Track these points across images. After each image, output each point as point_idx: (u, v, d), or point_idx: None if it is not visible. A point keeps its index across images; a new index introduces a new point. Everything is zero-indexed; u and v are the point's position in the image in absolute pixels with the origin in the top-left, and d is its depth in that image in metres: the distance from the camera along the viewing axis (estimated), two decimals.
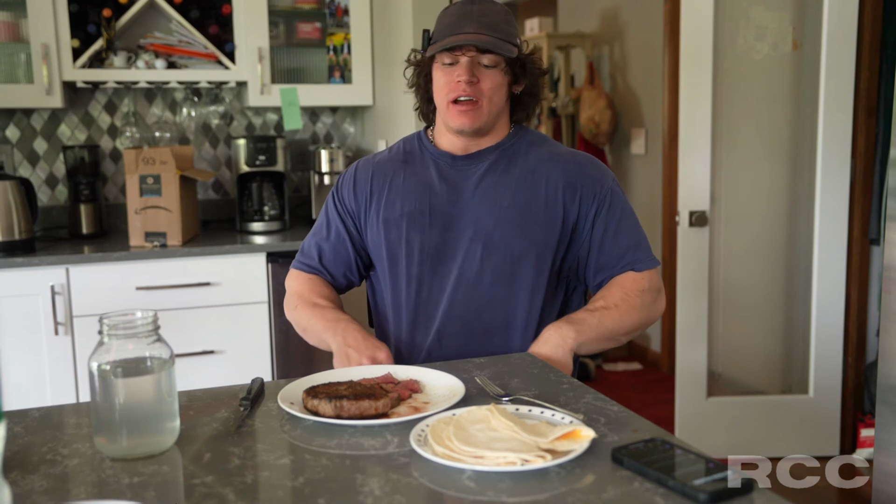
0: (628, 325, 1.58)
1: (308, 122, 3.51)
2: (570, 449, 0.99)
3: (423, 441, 1.04)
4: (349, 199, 1.71)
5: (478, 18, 1.52)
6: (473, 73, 1.53)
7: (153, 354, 1.07)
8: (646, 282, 1.61)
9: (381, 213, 1.65)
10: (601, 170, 1.65)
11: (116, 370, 1.05)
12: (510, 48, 1.53)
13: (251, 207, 3.23)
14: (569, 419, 1.09)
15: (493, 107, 1.57)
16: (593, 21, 5.13)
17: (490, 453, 0.97)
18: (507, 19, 1.56)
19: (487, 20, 1.53)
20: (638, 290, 1.59)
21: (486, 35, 1.51)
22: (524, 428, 1.03)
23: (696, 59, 3.06)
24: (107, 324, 1.06)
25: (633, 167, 4.83)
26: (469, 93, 1.53)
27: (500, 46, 1.51)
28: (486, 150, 1.63)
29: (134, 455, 1.05)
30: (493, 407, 1.08)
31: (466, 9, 1.54)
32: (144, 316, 1.08)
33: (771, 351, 3.38)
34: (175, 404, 1.10)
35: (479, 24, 1.52)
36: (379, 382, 1.28)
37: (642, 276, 1.61)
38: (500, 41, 1.52)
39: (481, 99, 1.55)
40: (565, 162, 1.63)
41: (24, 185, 2.86)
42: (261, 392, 1.28)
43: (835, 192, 3.10)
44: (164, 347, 1.08)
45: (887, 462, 1.90)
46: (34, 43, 2.90)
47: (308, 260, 1.74)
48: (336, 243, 1.71)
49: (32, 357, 2.69)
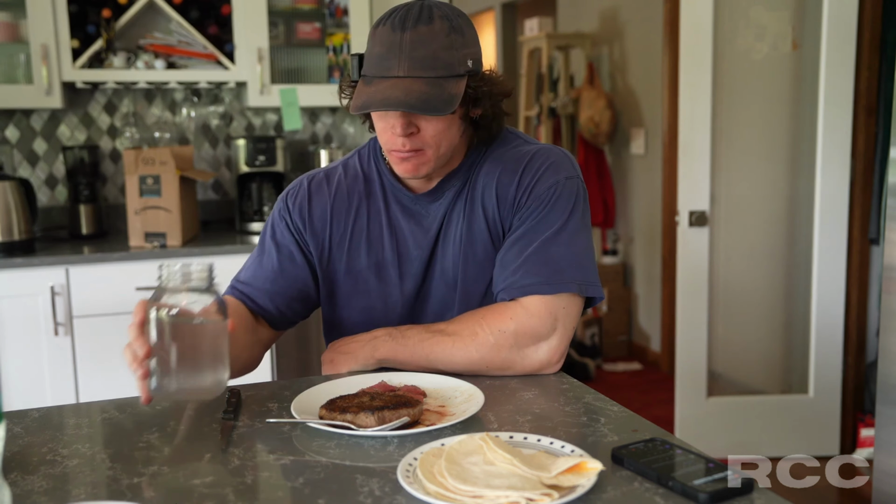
0: (462, 363, 1.32)
1: (308, 123, 3.51)
2: (575, 484, 0.91)
3: (413, 476, 0.94)
4: (302, 226, 1.46)
5: (409, 52, 1.25)
6: (411, 123, 1.29)
7: (207, 304, 1.11)
8: (511, 322, 1.31)
9: (345, 261, 1.45)
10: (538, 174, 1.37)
11: (175, 317, 1.09)
12: (448, 98, 1.25)
13: (251, 208, 3.22)
14: (569, 448, 1.00)
15: (441, 150, 1.33)
16: (593, 21, 5.14)
17: (490, 492, 0.87)
18: (451, 41, 1.27)
19: (422, 53, 1.25)
20: (500, 329, 1.31)
21: (418, 76, 1.25)
22: (523, 460, 0.93)
23: (695, 59, 3.06)
24: (165, 271, 1.10)
25: (633, 167, 4.83)
26: (409, 147, 1.30)
27: (433, 101, 1.24)
28: (445, 179, 1.41)
29: (185, 399, 1.13)
30: (486, 436, 0.98)
31: (396, 37, 1.26)
32: (200, 266, 1.11)
33: (771, 351, 3.38)
34: (226, 354, 1.13)
35: (412, 61, 1.25)
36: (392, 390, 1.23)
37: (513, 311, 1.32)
38: (435, 85, 1.25)
39: (426, 148, 1.32)
40: (503, 171, 1.39)
41: (24, 185, 2.86)
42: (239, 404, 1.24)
43: (834, 191, 3.10)
44: (216, 298, 1.12)
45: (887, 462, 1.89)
46: (34, 43, 2.89)
47: (241, 286, 1.47)
48: (289, 267, 1.46)
49: (32, 357, 2.69)
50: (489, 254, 1.40)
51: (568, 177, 1.38)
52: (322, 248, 1.46)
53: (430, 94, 1.24)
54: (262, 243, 1.50)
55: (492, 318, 1.33)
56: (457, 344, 1.32)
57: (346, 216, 1.45)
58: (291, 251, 1.46)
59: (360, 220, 1.45)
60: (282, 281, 1.46)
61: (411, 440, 1.07)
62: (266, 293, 1.45)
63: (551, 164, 1.38)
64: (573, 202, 1.36)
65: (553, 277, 1.32)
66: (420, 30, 1.26)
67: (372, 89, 1.27)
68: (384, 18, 1.29)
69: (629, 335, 4.89)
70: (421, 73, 1.25)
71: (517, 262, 1.34)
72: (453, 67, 1.27)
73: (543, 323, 1.32)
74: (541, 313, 1.32)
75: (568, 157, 1.42)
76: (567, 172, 1.38)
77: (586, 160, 4.96)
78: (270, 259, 1.47)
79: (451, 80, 1.27)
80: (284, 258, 1.46)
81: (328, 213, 1.46)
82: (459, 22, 1.29)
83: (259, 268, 1.47)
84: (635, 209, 4.84)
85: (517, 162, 1.39)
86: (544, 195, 1.35)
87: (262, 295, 1.45)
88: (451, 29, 1.27)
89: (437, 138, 1.31)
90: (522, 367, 1.33)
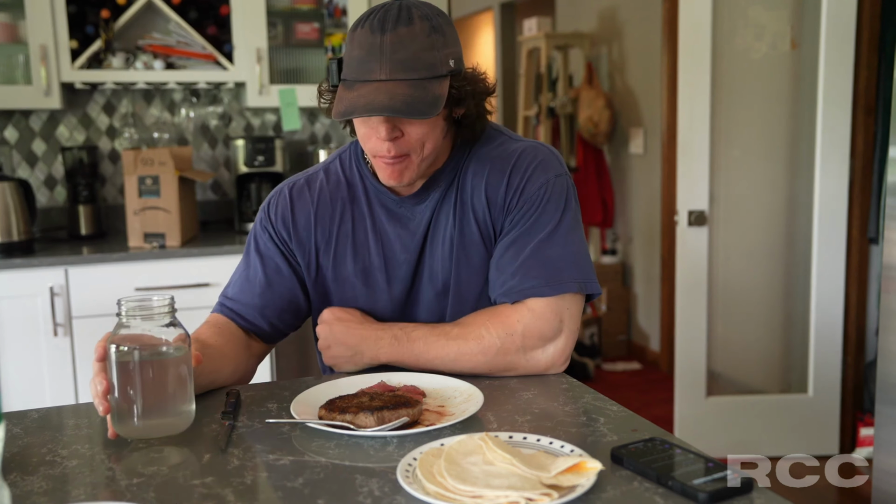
0: (467, 366, 1.32)
1: (307, 123, 3.51)
2: (575, 483, 0.91)
3: (412, 476, 0.94)
4: (287, 235, 1.44)
5: (390, 55, 1.22)
6: (395, 127, 1.28)
7: (169, 337, 1.10)
8: (518, 325, 1.31)
9: (331, 268, 1.43)
10: (527, 174, 1.37)
11: (133, 353, 1.08)
12: (433, 100, 1.23)
13: (250, 208, 3.22)
14: (569, 448, 1.00)
15: (425, 153, 1.32)
16: (592, 21, 5.14)
17: (489, 492, 0.87)
18: (432, 41, 1.25)
19: (402, 55, 1.22)
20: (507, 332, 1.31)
21: (400, 79, 1.23)
22: (522, 460, 0.94)
23: (694, 59, 3.06)
24: (125, 306, 1.09)
25: (632, 167, 4.83)
26: (394, 153, 1.29)
27: (417, 105, 1.22)
28: (430, 180, 1.40)
29: (150, 436, 1.09)
30: (486, 436, 0.98)
31: (376, 40, 1.23)
32: (161, 299, 1.10)
33: (770, 350, 3.38)
34: (191, 387, 1.12)
35: (393, 63, 1.22)
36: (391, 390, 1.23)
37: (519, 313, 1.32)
38: (419, 87, 1.23)
39: (411, 153, 1.30)
40: (491, 172, 1.38)
41: (23, 186, 2.86)
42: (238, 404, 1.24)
43: (834, 191, 3.11)
44: (180, 331, 1.11)
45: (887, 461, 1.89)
46: (32, 44, 2.89)
47: (230, 303, 1.45)
48: (276, 280, 1.43)
49: (31, 358, 2.69)
50: (482, 257, 1.39)
51: (557, 175, 1.37)
52: (308, 256, 1.44)
53: (414, 96, 1.22)
54: (246, 256, 1.47)
55: (498, 320, 1.32)
56: (462, 347, 1.31)
57: (331, 222, 1.43)
58: (277, 263, 1.44)
59: (345, 226, 1.43)
60: (269, 294, 1.43)
61: (411, 440, 1.07)
62: (255, 308, 1.43)
63: (539, 162, 1.37)
64: (564, 201, 1.36)
65: (553, 279, 1.31)
66: (400, 31, 1.23)
67: (354, 94, 1.24)
68: (362, 20, 1.27)
69: (628, 335, 4.89)
70: (403, 75, 1.23)
71: (514, 266, 1.33)
72: (436, 68, 1.25)
73: (550, 324, 1.31)
74: (546, 315, 1.31)
75: (554, 153, 1.41)
76: (556, 170, 1.38)
77: (585, 160, 4.96)
78: (256, 272, 1.44)
79: (435, 81, 1.25)
80: (271, 271, 1.44)
81: (312, 219, 1.44)
82: (439, 21, 1.27)
83: (246, 282, 1.45)
84: (634, 209, 4.84)
85: (504, 161, 1.38)
86: (535, 196, 1.35)
87: (251, 311, 1.43)
88: (432, 29, 1.25)
89: (420, 142, 1.30)
90: (528, 369, 1.33)
